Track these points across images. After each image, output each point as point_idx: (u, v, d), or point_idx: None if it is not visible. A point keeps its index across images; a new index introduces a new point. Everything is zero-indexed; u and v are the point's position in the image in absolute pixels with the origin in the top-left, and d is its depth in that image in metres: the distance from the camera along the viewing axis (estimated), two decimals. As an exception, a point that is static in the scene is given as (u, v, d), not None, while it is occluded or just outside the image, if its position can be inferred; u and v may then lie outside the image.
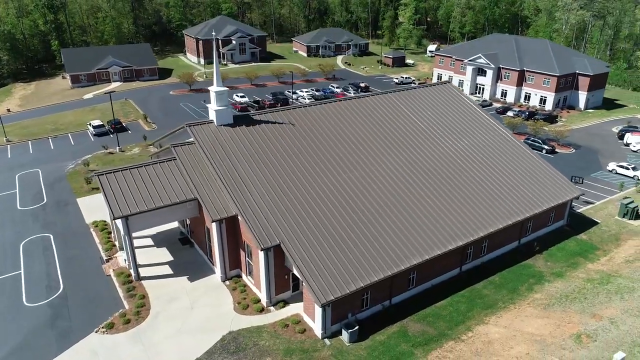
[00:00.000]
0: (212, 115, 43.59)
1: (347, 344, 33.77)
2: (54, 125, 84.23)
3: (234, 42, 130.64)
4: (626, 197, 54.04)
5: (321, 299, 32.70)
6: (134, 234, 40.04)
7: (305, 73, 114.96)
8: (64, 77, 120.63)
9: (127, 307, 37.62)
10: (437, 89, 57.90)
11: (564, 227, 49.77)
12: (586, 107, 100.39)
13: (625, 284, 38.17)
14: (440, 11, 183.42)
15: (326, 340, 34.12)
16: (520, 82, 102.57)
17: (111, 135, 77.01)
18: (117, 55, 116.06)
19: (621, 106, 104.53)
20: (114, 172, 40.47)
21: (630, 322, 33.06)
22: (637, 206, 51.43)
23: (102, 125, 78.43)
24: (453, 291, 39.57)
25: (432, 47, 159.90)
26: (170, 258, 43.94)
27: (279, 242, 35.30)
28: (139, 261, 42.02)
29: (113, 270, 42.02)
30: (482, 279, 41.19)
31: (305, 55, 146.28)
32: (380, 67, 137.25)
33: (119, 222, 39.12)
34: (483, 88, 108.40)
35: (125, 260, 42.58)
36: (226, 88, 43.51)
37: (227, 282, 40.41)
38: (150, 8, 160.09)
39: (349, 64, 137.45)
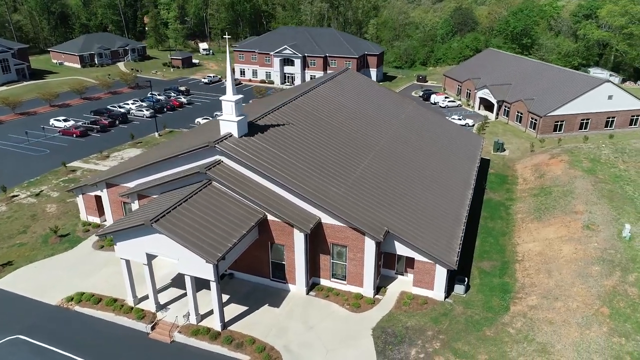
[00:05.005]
0: (228, 128, 39.30)
1: (463, 295, 38.28)
2: None
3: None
4: (484, 136, 72.17)
5: (451, 263, 36.14)
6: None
7: (109, 84, 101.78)
8: None
9: (247, 358, 32.38)
10: (347, 75, 63.55)
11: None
12: (377, 81, 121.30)
13: (560, 189, 53.51)
14: (191, 9, 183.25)
15: (448, 300, 37.77)
16: (325, 66, 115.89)
17: None
18: None
19: (394, 77, 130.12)
20: (165, 213, 32.77)
21: (597, 208, 47.73)
22: (503, 142, 69.74)
23: None
24: (473, 231, 47.79)
25: (204, 45, 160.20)
26: (225, 296, 38.24)
27: (387, 229, 36.48)
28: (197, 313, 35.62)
29: (178, 332, 34.36)
30: (478, 217, 50.71)
31: (78, 66, 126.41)
32: (172, 69, 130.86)
33: (187, 270, 32.50)
34: (293, 77, 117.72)
35: (186, 316, 35.22)
36: (242, 96, 39.58)
37: (313, 293, 38.54)
38: None
39: (138, 70, 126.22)
